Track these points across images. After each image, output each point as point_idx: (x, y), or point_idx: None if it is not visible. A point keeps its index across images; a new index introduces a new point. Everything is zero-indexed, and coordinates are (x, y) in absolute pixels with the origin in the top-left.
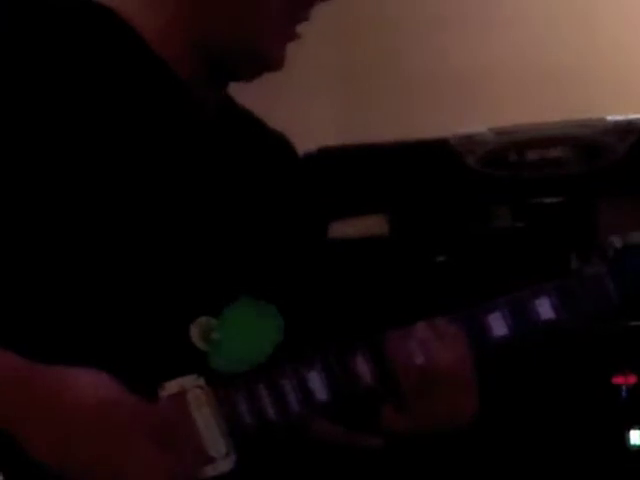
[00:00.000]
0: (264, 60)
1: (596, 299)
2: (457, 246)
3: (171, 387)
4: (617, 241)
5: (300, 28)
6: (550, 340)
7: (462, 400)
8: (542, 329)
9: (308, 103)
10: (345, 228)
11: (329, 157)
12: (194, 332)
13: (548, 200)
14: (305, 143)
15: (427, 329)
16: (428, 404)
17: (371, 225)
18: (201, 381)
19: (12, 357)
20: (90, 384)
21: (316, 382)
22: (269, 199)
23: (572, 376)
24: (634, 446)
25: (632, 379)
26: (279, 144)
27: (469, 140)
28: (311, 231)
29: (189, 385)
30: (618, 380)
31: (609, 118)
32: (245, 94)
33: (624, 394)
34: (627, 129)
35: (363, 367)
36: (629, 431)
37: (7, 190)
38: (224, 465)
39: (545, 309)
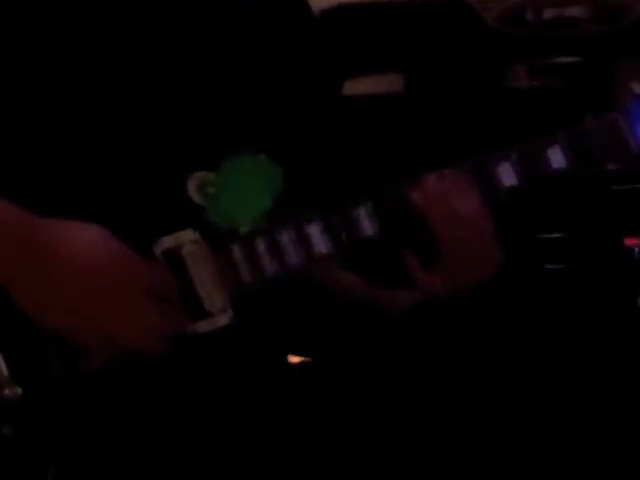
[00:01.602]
0: None
1: (611, 146)
2: (472, 104)
3: (166, 242)
4: (637, 87)
5: None
6: (561, 194)
7: (486, 251)
8: (553, 179)
9: None
10: (361, 85)
11: (347, 13)
12: (191, 186)
13: (565, 60)
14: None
15: (438, 181)
16: (457, 257)
17: (388, 83)
18: (197, 235)
19: (13, 207)
20: (89, 238)
21: (317, 235)
22: (278, 54)
23: (583, 238)
24: None
25: None
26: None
27: None
28: (323, 88)
29: (185, 240)
30: (630, 242)
31: None
32: None
33: (636, 256)
34: None
35: (365, 220)
36: None
37: None
38: (220, 320)
39: (557, 158)
